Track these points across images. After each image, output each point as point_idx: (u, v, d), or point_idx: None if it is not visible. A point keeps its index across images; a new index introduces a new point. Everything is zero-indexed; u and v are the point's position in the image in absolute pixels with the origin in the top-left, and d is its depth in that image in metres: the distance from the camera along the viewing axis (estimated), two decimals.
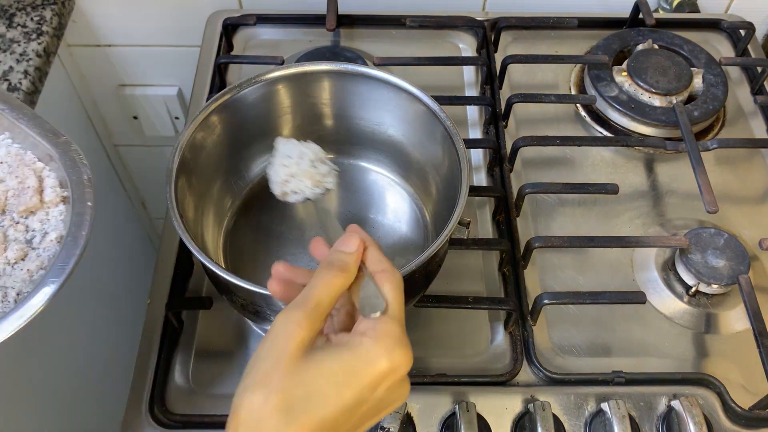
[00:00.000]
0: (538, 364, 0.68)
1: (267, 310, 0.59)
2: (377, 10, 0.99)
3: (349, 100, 0.73)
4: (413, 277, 0.60)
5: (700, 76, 0.89)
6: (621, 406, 0.63)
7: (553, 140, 0.82)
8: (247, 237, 0.74)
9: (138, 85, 1.18)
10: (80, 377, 1.16)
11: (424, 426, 0.64)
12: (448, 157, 0.66)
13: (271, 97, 0.71)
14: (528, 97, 0.86)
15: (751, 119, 0.91)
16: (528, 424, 0.63)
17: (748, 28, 0.97)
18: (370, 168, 0.79)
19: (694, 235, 0.74)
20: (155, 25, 1.08)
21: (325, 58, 0.92)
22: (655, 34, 0.95)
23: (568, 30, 0.98)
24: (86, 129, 1.20)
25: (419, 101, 0.68)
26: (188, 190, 0.65)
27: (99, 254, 1.23)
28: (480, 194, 0.80)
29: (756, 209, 0.82)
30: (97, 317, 1.22)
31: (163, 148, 1.29)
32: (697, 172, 0.78)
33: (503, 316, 0.72)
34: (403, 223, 0.75)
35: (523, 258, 0.74)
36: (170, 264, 0.75)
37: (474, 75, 0.95)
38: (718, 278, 0.71)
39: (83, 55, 1.13)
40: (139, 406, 0.66)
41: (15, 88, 0.88)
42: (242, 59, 0.93)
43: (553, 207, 0.81)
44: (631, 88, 0.89)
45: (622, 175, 0.84)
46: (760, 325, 0.67)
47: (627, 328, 0.72)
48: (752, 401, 0.66)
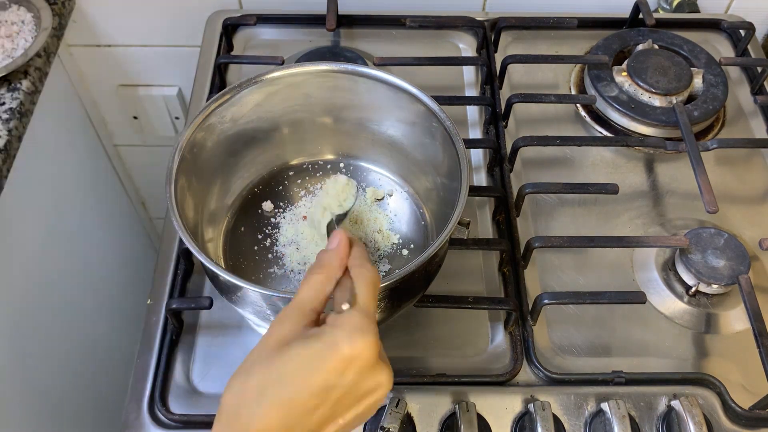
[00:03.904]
0: (538, 364, 0.68)
1: (267, 310, 0.59)
2: (377, 10, 0.99)
3: (349, 100, 0.73)
4: (413, 277, 0.60)
5: (700, 76, 0.89)
6: (621, 406, 0.63)
7: (553, 140, 0.82)
8: (247, 237, 0.74)
9: (138, 85, 1.18)
10: (80, 377, 1.16)
11: (424, 426, 0.64)
12: (448, 157, 0.66)
13: (271, 97, 0.71)
14: (528, 97, 0.86)
15: (751, 119, 0.91)
16: (528, 424, 0.63)
17: (748, 28, 0.97)
18: (370, 168, 0.79)
19: (694, 235, 0.74)
20: (155, 25, 1.08)
21: (325, 58, 0.92)
22: (655, 34, 0.95)
23: (568, 30, 0.98)
24: (86, 129, 1.20)
25: (419, 101, 0.68)
26: (188, 190, 0.65)
27: (99, 254, 1.23)
28: (480, 194, 0.80)
29: (756, 209, 0.82)
30: (97, 317, 1.22)
31: (163, 148, 1.29)
32: (697, 172, 0.78)
33: (503, 316, 0.72)
34: (403, 223, 0.75)
35: (523, 258, 0.74)
36: (170, 264, 0.75)
37: (474, 75, 0.95)
38: (718, 278, 0.71)
39: (83, 55, 1.13)
40: (139, 406, 0.66)
41: (15, 88, 0.88)
42: (242, 59, 0.93)
43: (553, 207, 0.81)
44: (631, 88, 0.89)
45: (622, 175, 0.84)
46: (760, 325, 0.67)
47: (627, 328, 0.72)
48: (752, 401, 0.66)
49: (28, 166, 0.95)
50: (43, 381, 1.05)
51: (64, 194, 1.10)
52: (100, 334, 1.23)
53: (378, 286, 0.49)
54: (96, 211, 1.23)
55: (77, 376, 1.15)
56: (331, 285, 0.50)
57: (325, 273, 0.50)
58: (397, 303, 0.63)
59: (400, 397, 0.64)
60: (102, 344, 1.24)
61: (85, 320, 1.18)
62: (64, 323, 1.10)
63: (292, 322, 0.47)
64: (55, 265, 1.07)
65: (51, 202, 1.06)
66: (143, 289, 0.77)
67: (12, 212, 0.93)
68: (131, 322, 1.25)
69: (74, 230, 1.14)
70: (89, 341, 1.20)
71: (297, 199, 0.76)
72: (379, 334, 0.46)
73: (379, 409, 0.64)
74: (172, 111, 1.21)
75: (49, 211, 1.05)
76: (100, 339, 1.24)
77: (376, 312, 0.47)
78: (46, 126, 1.01)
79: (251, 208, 0.76)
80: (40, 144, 0.99)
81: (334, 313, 0.48)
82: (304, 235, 0.72)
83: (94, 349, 1.22)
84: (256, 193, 0.77)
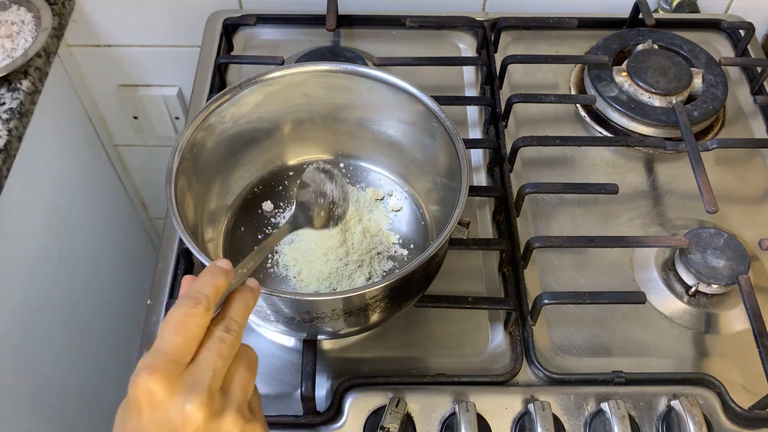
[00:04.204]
0: (538, 364, 0.68)
1: (267, 310, 0.59)
2: (377, 10, 0.99)
3: (349, 99, 0.73)
4: (413, 277, 0.60)
5: (700, 76, 0.89)
6: (621, 406, 0.63)
7: (553, 140, 0.82)
8: (247, 237, 0.74)
9: (138, 85, 1.18)
10: (80, 377, 1.16)
11: (424, 426, 0.64)
12: (448, 157, 0.66)
13: (271, 97, 0.71)
14: (528, 97, 0.86)
15: (751, 119, 0.91)
16: (528, 424, 0.63)
17: (748, 29, 0.97)
18: (370, 168, 0.79)
19: (694, 235, 0.74)
20: (155, 25, 1.08)
21: (325, 58, 0.92)
22: (655, 34, 0.95)
23: (568, 30, 0.98)
24: (86, 129, 1.20)
25: (419, 101, 0.68)
26: (188, 190, 0.65)
27: (99, 254, 1.23)
28: (480, 194, 0.80)
29: (756, 209, 0.82)
30: (97, 317, 1.22)
31: (163, 148, 1.29)
32: (696, 172, 0.78)
33: (503, 316, 0.72)
34: (403, 223, 0.75)
35: (523, 258, 0.74)
36: (170, 264, 0.75)
37: (474, 75, 0.95)
38: (718, 278, 0.71)
39: (83, 55, 1.13)
40: None
41: (15, 88, 0.88)
42: (242, 59, 0.93)
43: (553, 207, 0.81)
44: (631, 88, 0.89)
45: (622, 175, 0.84)
46: (760, 325, 0.67)
47: (627, 328, 0.72)
48: (752, 401, 0.66)
49: (28, 166, 0.95)
50: (42, 381, 1.05)
51: (64, 194, 1.10)
52: (100, 334, 1.23)
53: (182, 325, 0.44)
54: (96, 211, 1.22)
55: (77, 375, 1.15)
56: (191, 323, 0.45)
57: (183, 308, 0.45)
58: (397, 303, 0.63)
59: (400, 397, 0.64)
60: (102, 344, 1.24)
61: (85, 320, 1.18)
62: (64, 323, 1.10)
63: (152, 366, 0.43)
64: (55, 265, 1.07)
65: (51, 202, 1.06)
66: (143, 289, 0.77)
67: (12, 212, 0.93)
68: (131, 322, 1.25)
69: (74, 230, 1.14)
70: (89, 341, 1.20)
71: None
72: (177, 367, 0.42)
73: (379, 409, 0.64)
74: (172, 111, 1.21)
75: (49, 211, 1.05)
76: (100, 339, 1.24)
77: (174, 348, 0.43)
78: (46, 126, 1.01)
79: (251, 208, 0.76)
80: (40, 144, 0.99)
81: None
82: (303, 235, 0.72)
83: (94, 349, 1.22)
84: (256, 193, 0.77)
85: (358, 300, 0.58)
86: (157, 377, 0.41)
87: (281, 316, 0.60)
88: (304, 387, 0.62)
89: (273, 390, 0.67)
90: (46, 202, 1.04)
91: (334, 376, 0.68)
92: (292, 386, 0.67)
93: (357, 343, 0.70)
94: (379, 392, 0.65)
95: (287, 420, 0.65)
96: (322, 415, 0.64)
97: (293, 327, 0.61)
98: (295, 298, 0.58)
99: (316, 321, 0.60)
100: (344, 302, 0.58)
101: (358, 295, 0.57)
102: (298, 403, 0.64)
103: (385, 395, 0.65)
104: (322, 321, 0.60)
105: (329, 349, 0.70)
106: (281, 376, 0.68)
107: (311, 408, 0.64)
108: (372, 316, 0.62)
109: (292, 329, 0.62)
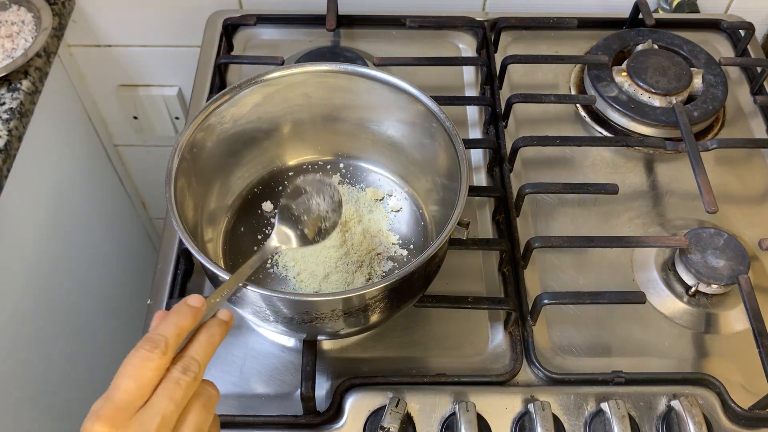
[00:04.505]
0: (538, 364, 0.68)
1: (267, 310, 0.59)
2: (377, 10, 1.00)
3: (349, 100, 0.73)
4: (413, 277, 0.60)
5: (700, 76, 0.89)
6: (621, 406, 0.63)
7: (553, 140, 0.82)
8: (247, 237, 0.74)
9: (138, 85, 1.18)
10: (80, 377, 1.16)
11: (424, 426, 0.64)
12: (448, 157, 0.66)
13: (271, 97, 0.71)
14: (528, 97, 0.86)
15: (751, 119, 0.91)
16: (528, 424, 0.63)
17: (748, 29, 0.97)
18: (370, 168, 0.79)
19: (694, 235, 0.74)
20: (155, 25, 1.08)
21: (325, 58, 0.92)
22: (654, 35, 0.95)
23: (568, 30, 0.98)
24: (86, 129, 1.20)
25: (419, 101, 0.68)
26: (188, 190, 0.65)
27: (99, 254, 1.23)
28: (480, 194, 0.80)
29: (756, 209, 0.82)
30: (96, 317, 1.22)
31: (163, 148, 1.29)
32: (696, 172, 0.78)
33: (503, 316, 0.72)
34: (403, 223, 0.75)
35: (523, 258, 0.74)
36: (170, 264, 0.75)
37: (474, 75, 0.95)
38: (718, 278, 0.71)
39: (83, 55, 1.13)
40: None
41: (15, 88, 0.88)
42: (242, 59, 0.93)
43: (553, 207, 0.81)
44: (630, 89, 0.89)
45: (622, 175, 0.84)
46: (759, 325, 0.67)
47: (627, 328, 0.72)
48: (752, 401, 0.66)
49: (28, 166, 0.95)
50: (42, 381, 1.05)
51: (64, 194, 1.10)
52: (100, 334, 1.23)
53: (140, 370, 0.44)
54: (96, 211, 1.23)
55: (77, 376, 1.15)
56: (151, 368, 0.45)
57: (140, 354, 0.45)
58: (397, 303, 0.63)
59: (400, 397, 0.64)
60: (102, 344, 1.24)
61: (85, 320, 1.18)
62: (64, 323, 1.10)
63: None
64: (55, 265, 1.07)
65: (51, 202, 1.06)
66: (143, 289, 0.77)
67: (12, 212, 0.93)
68: (131, 322, 1.25)
69: (74, 230, 1.14)
70: (89, 341, 1.20)
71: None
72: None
73: (379, 409, 0.64)
74: (172, 111, 1.21)
75: (49, 211, 1.05)
76: (100, 339, 1.24)
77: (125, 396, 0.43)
78: (46, 126, 1.01)
79: (251, 208, 0.76)
80: (40, 144, 0.99)
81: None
82: None
83: (94, 349, 1.22)
84: (256, 193, 0.77)
85: (358, 300, 0.58)
86: (102, 425, 0.41)
87: (281, 317, 0.60)
88: (304, 387, 0.62)
89: (273, 390, 0.67)
90: (46, 202, 1.05)
91: (334, 376, 0.68)
92: (292, 386, 0.67)
93: (357, 343, 0.70)
94: (379, 392, 0.65)
95: (287, 420, 0.65)
96: (322, 415, 0.64)
97: (293, 327, 0.61)
98: (294, 299, 0.58)
99: (315, 321, 0.60)
100: (344, 302, 0.58)
101: (358, 296, 0.57)
102: (298, 403, 0.64)
103: (385, 395, 0.65)
104: (321, 321, 0.60)
105: (329, 349, 0.70)
106: (281, 376, 0.68)
107: (311, 408, 0.64)
108: (372, 317, 0.62)
109: (292, 329, 0.62)
